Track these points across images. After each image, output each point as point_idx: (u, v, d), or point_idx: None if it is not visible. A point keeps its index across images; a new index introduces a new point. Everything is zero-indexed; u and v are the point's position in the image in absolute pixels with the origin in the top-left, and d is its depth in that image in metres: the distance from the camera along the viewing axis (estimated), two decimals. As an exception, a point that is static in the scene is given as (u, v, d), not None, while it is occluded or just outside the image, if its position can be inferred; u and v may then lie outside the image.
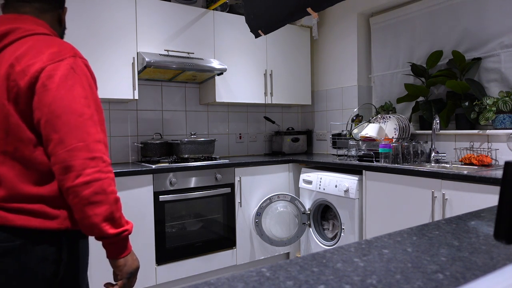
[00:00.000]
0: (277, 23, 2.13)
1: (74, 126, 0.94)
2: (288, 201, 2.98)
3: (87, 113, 0.97)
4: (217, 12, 3.14)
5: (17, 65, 0.96)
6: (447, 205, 2.03)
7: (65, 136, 0.93)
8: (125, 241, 1.02)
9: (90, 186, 0.93)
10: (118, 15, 2.66)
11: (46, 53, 0.97)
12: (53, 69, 0.96)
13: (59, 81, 0.95)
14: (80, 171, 0.93)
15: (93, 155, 0.95)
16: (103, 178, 0.95)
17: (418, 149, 2.60)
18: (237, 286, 0.55)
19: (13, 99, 0.96)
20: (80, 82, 0.98)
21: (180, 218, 2.65)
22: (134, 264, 1.05)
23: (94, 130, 0.97)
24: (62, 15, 1.15)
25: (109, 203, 0.96)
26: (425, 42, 2.91)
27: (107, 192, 0.96)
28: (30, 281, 1.00)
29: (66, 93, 0.95)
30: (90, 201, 0.93)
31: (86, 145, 0.94)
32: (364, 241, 0.76)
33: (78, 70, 0.99)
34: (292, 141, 3.61)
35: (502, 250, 0.69)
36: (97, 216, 0.94)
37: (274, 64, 3.43)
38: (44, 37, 1.02)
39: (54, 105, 0.94)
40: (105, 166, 0.97)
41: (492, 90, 2.49)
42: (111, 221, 0.96)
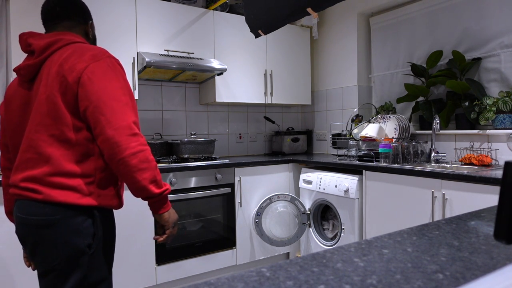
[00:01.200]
0: (277, 23, 2.12)
1: (117, 109, 1.15)
2: (288, 201, 2.98)
3: (124, 100, 1.18)
4: (217, 12, 3.14)
5: (65, 64, 1.18)
6: (447, 205, 2.03)
7: (111, 118, 1.14)
8: (166, 199, 1.26)
9: (136, 157, 1.14)
10: (118, 15, 2.66)
11: (87, 55, 1.20)
12: (95, 66, 1.18)
13: (101, 75, 1.17)
14: (127, 145, 1.13)
15: (134, 131, 1.16)
16: (144, 149, 1.17)
17: (418, 149, 2.60)
18: (237, 286, 0.55)
19: (62, 91, 1.17)
20: (116, 77, 1.20)
21: (180, 218, 2.65)
22: (175, 216, 1.31)
23: (130, 113, 1.18)
24: (87, 29, 1.39)
25: (152, 168, 1.18)
26: (425, 42, 2.91)
27: (149, 160, 1.18)
28: (68, 251, 1.17)
29: (108, 84, 1.17)
30: (139, 168, 1.15)
31: (128, 125, 1.15)
32: (364, 241, 0.76)
33: (114, 68, 1.22)
34: (292, 141, 3.61)
35: (502, 250, 0.69)
36: (145, 180, 1.16)
37: (274, 64, 3.43)
38: (81, 45, 1.26)
39: (100, 93, 1.15)
40: (144, 140, 1.19)
41: (492, 90, 2.49)
42: (155, 183, 1.19)
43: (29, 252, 1.24)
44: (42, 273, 1.22)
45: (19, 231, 1.24)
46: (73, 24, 1.35)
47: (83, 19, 1.38)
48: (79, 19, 1.37)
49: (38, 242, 1.19)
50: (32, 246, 1.21)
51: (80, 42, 1.28)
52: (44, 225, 1.16)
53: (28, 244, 1.23)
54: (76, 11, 1.37)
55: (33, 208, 1.17)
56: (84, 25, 1.38)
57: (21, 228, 1.23)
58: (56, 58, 1.21)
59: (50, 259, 1.18)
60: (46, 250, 1.18)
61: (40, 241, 1.18)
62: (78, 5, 1.39)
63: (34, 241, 1.20)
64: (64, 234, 1.16)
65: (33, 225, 1.18)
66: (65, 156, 1.17)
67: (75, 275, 1.18)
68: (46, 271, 1.21)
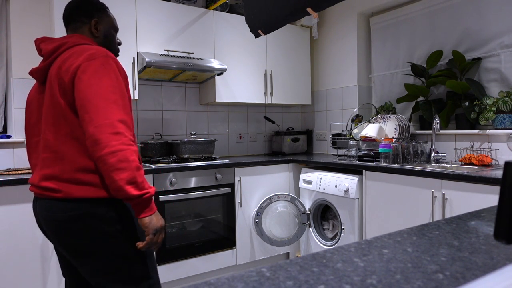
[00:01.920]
0: (277, 23, 2.12)
1: (102, 107, 1.14)
2: (288, 201, 2.98)
3: (112, 98, 1.17)
4: (217, 12, 3.14)
5: (63, 66, 1.22)
6: (447, 205, 2.03)
7: (93, 115, 1.13)
8: (148, 202, 1.19)
9: (115, 155, 1.11)
10: (118, 15, 2.66)
11: (84, 54, 1.22)
12: (87, 65, 1.19)
13: (90, 73, 1.18)
14: (106, 143, 1.11)
15: (116, 130, 1.13)
16: (125, 149, 1.13)
17: (418, 149, 2.60)
18: (237, 286, 0.55)
19: (62, 92, 1.21)
20: (108, 75, 1.20)
21: (180, 218, 2.65)
22: (159, 223, 1.22)
23: (117, 111, 1.16)
24: (91, 28, 1.40)
25: (131, 169, 1.13)
26: (425, 42, 2.91)
27: (130, 160, 1.13)
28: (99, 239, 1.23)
29: (96, 82, 1.17)
30: (116, 168, 1.11)
31: (111, 123, 1.13)
32: (364, 241, 0.76)
33: (107, 66, 1.21)
34: (292, 141, 3.61)
35: (502, 250, 0.69)
36: (122, 180, 1.12)
37: (274, 64, 3.43)
38: (84, 46, 1.28)
39: (86, 91, 1.16)
40: (127, 140, 1.15)
41: (492, 90, 2.49)
42: (134, 184, 1.14)
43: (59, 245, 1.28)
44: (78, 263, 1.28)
45: (47, 229, 1.28)
46: (78, 25, 1.40)
47: (87, 18, 1.39)
48: (83, 19, 1.39)
49: (65, 235, 1.24)
50: (60, 239, 1.26)
51: (84, 44, 1.30)
52: (70, 220, 1.22)
53: (58, 239, 1.27)
54: (79, 12, 1.40)
55: (56, 206, 1.23)
56: (88, 25, 1.40)
57: (48, 225, 1.26)
58: (57, 61, 1.26)
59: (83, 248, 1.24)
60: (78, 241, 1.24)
61: (70, 234, 1.24)
62: (82, 5, 1.40)
63: (65, 235, 1.25)
64: (90, 223, 1.22)
65: (60, 221, 1.23)
66: (78, 152, 1.21)
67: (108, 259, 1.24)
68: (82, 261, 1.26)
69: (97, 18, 1.41)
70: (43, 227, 1.31)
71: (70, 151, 1.21)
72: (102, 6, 1.44)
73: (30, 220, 2.13)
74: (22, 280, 2.11)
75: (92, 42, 1.36)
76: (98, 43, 1.40)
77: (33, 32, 2.67)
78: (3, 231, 2.07)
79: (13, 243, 2.09)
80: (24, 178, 2.11)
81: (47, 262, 2.18)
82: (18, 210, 2.10)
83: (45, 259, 2.17)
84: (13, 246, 2.09)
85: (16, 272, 2.09)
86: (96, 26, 1.41)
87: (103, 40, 1.42)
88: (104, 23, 1.43)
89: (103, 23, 1.42)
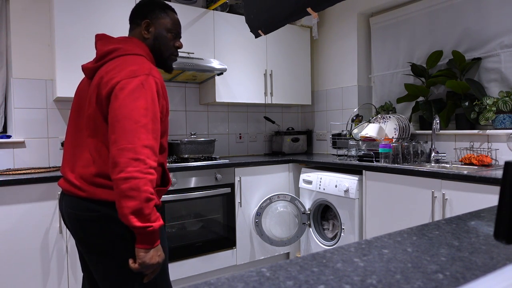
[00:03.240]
0: (277, 23, 2.12)
1: (128, 130, 1.13)
2: (288, 201, 2.98)
3: (142, 121, 1.15)
4: (217, 12, 3.14)
5: (105, 77, 1.22)
6: (447, 205, 2.03)
7: (119, 137, 1.13)
8: (149, 236, 1.14)
9: (127, 182, 1.09)
10: (118, 14, 2.66)
11: (126, 70, 1.20)
12: (126, 83, 1.17)
13: (126, 93, 1.16)
14: (123, 167, 1.10)
15: (137, 156, 1.11)
16: (140, 177, 1.10)
17: (418, 149, 2.60)
18: (237, 286, 0.55)
19: (99, 103, 1.22)
20: (144, 96, 1.17)
21: (180, 218, 2.65)
22: (153, 259, 1.17)
23: (144, 136, 1.14)
24: (142, 31, 1.38)
25: (140, 199, 1.10)
26: (425, 42, 2.91)
27: (141, 190, 1.10)
28: (116, 241, 1.24)
29: (130, 103, 1.15)
30: (126, 194, 1.09)
31: (134, 148, 1.11)
32: (364, 241, 0.76)
33: (146, 86, 1.18)
34: (292, 141, 3.61)
35: (502, 250, 0.69)
36: (127, 208, 1.09)
37: (274, 64, 3.43)
38: (132, 58, 1.27)
39: (118, 111, 1.15)
40: (146, 168, 1.12)
41: (492, 90, 2.49)
42: (139, 215, 1.10)
43: (78, 242, 1.32)
44: (92, 261, 1.30)
45: (69, 225, 1.32)
46: (133, 27, 1.41)
47: (139, 20, 1.39)
48: (137, 21, 1.40)
49: (85, 234, 1.27)
50: (81, 237, 1.29)
51: (133, 55, 1.29)
52: (89, 219, 1.24)
53: (77, 236, 1.30)
54: (136, 13, 1.40)
55: (79, 205, 1.26)
56: (139, 27, 1.39)
57: (70, 221, 1.30)
58: (104, 68, 1.26)
59: (96, 249, 1.27)
60: (95, 241, 1.26)
61: (89, 233, 1.26)
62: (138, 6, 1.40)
63: (83, 234, 1.28)
64: (108, 225, 1.23)
65: (81, 219, 1.26)
66: (106, 160, 1.23)
67: (120, 262, 1.24)
68: (97, 259, 1.29)
69: (150, 20, 1.38)
70: (66, 222, 1.35)
71: (101, 157, 1.23)
72: (158, 7, 1.40)
73: (30, 220, 2.13)
74: (22, 280, 2.11)
75: (144, 48, 1.35)
76: (148, 45, 1.38)
77: (33, 32, 2.67)
78: (3, 231, 2.07)
79: (13, 243, 2.09)
80: (24, 178, 2.11)
81: (47, 262, 2.18)
82: (18, 210, 2.10)
83: (45, 259, 2.17)
84: (13, 246, 2.09)
85: (16, 272, 2.09)
86: (147, 27, 1.38)
87: (153, 42, 1.39)
88: (157, 24, 1.39)
89: (155, 25, 1.39)
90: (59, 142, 2.76)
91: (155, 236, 1.16)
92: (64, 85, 2.49)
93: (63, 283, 2.22)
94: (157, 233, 1.16)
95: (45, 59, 2.71)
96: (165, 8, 1.42)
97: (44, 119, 2.72)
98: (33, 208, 2.14)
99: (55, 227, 2.20)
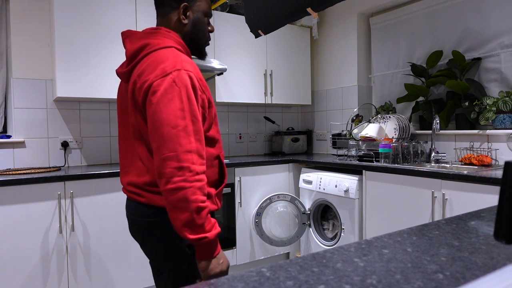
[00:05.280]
0: (277, 23, 2.13)
1: (168, 137, 1.06)
2: (288, 201, 2.98)
3: (181, 124, 1.07)
4: (217, 12, 3.14)
5: (138, 82, 1.15)
6: (447, 205, 2.03)
7: (160, 146, 1.06)
8: (206, 246, 1.09)
9: (175, 193, 1.04)
10: (118, 14, 2.66)
11: (157, 69, 1.12)
12: (157, 85, 1.09)
13: (159, 96, 1.08)
14: (168, 178, 1.04)
15: (181, 165, 1.04)
16: (187, 187, 1.04)
17: (418, 149, 2.60)
18: (237, 286, 0.55)
19: (138, 110, 1.17)
20: (178, 95, 1.08)
21: (180, 218, 2.64)
22: (217, 269, 1.12)
23: (186, 141, 1.06)
24: (180, 15, 1.25)
25: (190, 211, 1.04)
26: (425, 42, 2.91)
27: (189, 200, 1.04)
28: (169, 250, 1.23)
29: (164, 107, 1.07)
30: (175, 206, 1.05)
31: (176, 155, 1.05)
32: (364, 241, 0.76)
33: (179, 83, 1.09)
34: (292, 141, 3.61)
35: (502, 250, 0.69)
36: (179, 221, 1.05)
37: (274, 64, 3.43)
38: (162, 52, 1.17)
39: (154, 117, 1.08)
40: (191, 175, 1.05)
41: (492, 90, 2.49)
42: (191, 227, 1.05)
43: (140, 246, 1.32)
44: (153, 268, 1.34)
45: (130, 230, 1.32)
46: (166, 10, 1.26)
47: (175, 2, 1.25)
48: (172, 3, 1.25)
49: (145, 240, 1.28)
50: (141, 243, 1.31)
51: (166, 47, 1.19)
52: (148, 225, 1.23)
53: (138, 241, 1.31)
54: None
55: (139, 209, 1.24)
56: (176, 10, 1.25)
57: (131, 227, 1.31)
58: (134, 73, 1.19)
59: (156, 256, 1.28)
60: (152, 248, 1.27)
61: (147, 239, 1.27)
62: None
63: (142, 239, 1.29)
64: (165, 234, 1.20)
65: (140, 225, 1.25)
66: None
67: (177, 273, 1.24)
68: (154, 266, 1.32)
69: (188, 2, 1.25)
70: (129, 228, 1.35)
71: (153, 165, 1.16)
72: None
73: (30, 220, 2.13)
74: (22, 280, 2.11)
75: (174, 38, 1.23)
76: (186, 31, 1.27)
77: (33, 32, 2.67)
78: (3, 231, 2.07)
79: (13, 243, 2.09)
80: (24, 178, 2.11)
81: (47, 262, 2.18)
82: (18, 210, 2.10)
83: (45, 259, 2.17)
84: (13, 246, 2.09)
85: (16, 272, 2.09)
86: (185, 11, 1.26)
87: (191, 28, 1.28)
88: (195, 8, 1.27)
89: (193, 8, 1.27)
90: (59, 142, 2.76)
91: (212, 246, 1.10)
92: (64, 85, 2.49)
93: (63, 283, 2.22)
94: (214, 243, 1.10)
95: (45, 59, 2.71)
96: None
97: (44, 119, 2.72)
98: (33, 208, 2.14)
99: (55, 227, 2.20)
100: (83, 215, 2.28)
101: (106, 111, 2.95)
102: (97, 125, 2.92)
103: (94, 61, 2.57)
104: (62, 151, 2.77)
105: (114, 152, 2.98)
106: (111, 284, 2.37)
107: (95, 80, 2.58)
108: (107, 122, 2.95)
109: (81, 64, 2.54)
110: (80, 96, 2.55)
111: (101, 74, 2.59)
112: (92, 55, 2.57)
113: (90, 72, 2.56)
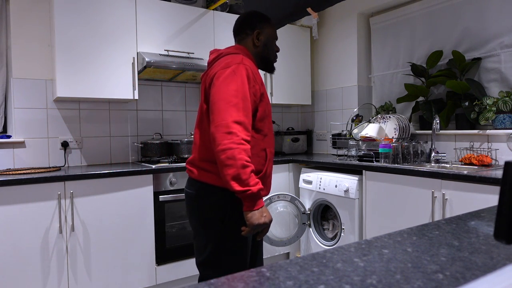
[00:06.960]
0: (277, 23, 2.13)
1: (222, 110, 1.34)
2: (288, 201, 2.98)
3: (233, 101, 1.35)
4: (217, 12, 3.14)
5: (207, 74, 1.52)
6: (447, 205, 2.03)
7: (215, 117, 1.36)
8: (250, 198, 1.32)
9: (224, 153, 1.30)
10: (118, 14, 2.66)
11: (222, 63, 1.46)
12: (221, 73, 1.42)
13: (221, 80, 1.40)
14: (220, 141, 1.31)
15: (229, 130, 1.31)
16: (234, 148, 1.30)
17: (418, 149, 2.60)
18: (237, 286, 0.55)
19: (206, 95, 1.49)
20: (235, 81, 1.39)
21: (180, 218, 2.65)
22: (260, 219, 1.35)
23: (235, 114, 1.34)
24: (254, 39, 1.61)
25: (237, 166, 1.29)
26: (425, 42, 2.91)
27: (236, 158, 1.29)
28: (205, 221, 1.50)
29: (223, 87, 1.38)
30: (225, 164, 1.30)
31: (226, 123, 1.32)
32: (364, 241, 0.76)
33: (238, 73, 1.40)
34: (292, 141, 3.61)
35: (502, 250, 0.69)
36: (228, 176, 1.30)
37: (274, 64, 3.43)
38: (230, 56, 1.50)
39: (214, 95, 1.39)
40: (238, 139, 1.31)
41: (492, 90, 2.49)
42: (238, 180, 1.30)
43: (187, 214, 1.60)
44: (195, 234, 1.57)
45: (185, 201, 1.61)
46: (242, 36, 1.63)
47: (250, 30, 1.61)
48: (247, 31, 1.62)
49: (189, 210, 1.57)
50: (187, 212, 1.60)
51: (231, 54, 1.51)
52: (193, 197, 1.52)
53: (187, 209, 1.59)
54: (244, 24, 1.62)
55: (191, 183, 1.55)
56: (251, 36, 1.61)
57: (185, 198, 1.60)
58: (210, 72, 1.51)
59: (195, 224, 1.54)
60: (192, 217, 1.55)
61: (190, 209, 1.56)
62: (247, 19, 1.63)
63: (188, 209, 1.58)
64: (204, 206, 1.49)
65: (188, 196, 1.56)
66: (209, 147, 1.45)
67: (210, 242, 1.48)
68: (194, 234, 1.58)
69: (259, 29, 1.61)
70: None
71: (204, 144, 1.48)
72: (264, 18, 1.63)
73: (30, 220, 2.13)
74: (22, 280, 2.11)
75: (244, 51, 1.57)
76: (258, 52, 1.61)
77: (33, 32, 2.67)
78: (3, 231, 2.07)
79: (13, 243, 2.09)
80: (24, 178, 2.11)
81: (47, 262, 2.18)
82: (18, 210, 2.10)
83: (45, 259, 2.17)
84: (13, 246, 2.09)
85: (16, 272, 2.09)
86: (258, 36, 1.61)
87: (263, 48, 1.62)
88: (265, 33, 1.62)
89: (264, 33, 1.62)
90: (59, 142, 2.76)
91: (255, 198, 1.33)
92: (64, 85, 2.49)
93: (63, 283, 2.22)
94: (257, 196, 1.33)
95: (45, 59, 2.71)
96: (268, 18, 1.65)
97: (44, 119, 2.72)
98: (33, 208, 2.14)
99: (55, 227, 2.20)
100: (83, 215, 2.28)
101: (106, 111, 2.95)
102: (97, 125, 2.92)
103: (94, 61, 2.57)
104: (62, 151, 2.77)
105: (114, 152, 2.98)
106: (111, 284, 2.37)
107: (95, 80, 2.58)
108: (107, 122, 2.95)
109: (81, 64, 2.54)
110: (80, 96, 2.55)
111: (101, 74, 2.59)
112: (92, 55, 2.57)
113: (90, 72, 2.56)
